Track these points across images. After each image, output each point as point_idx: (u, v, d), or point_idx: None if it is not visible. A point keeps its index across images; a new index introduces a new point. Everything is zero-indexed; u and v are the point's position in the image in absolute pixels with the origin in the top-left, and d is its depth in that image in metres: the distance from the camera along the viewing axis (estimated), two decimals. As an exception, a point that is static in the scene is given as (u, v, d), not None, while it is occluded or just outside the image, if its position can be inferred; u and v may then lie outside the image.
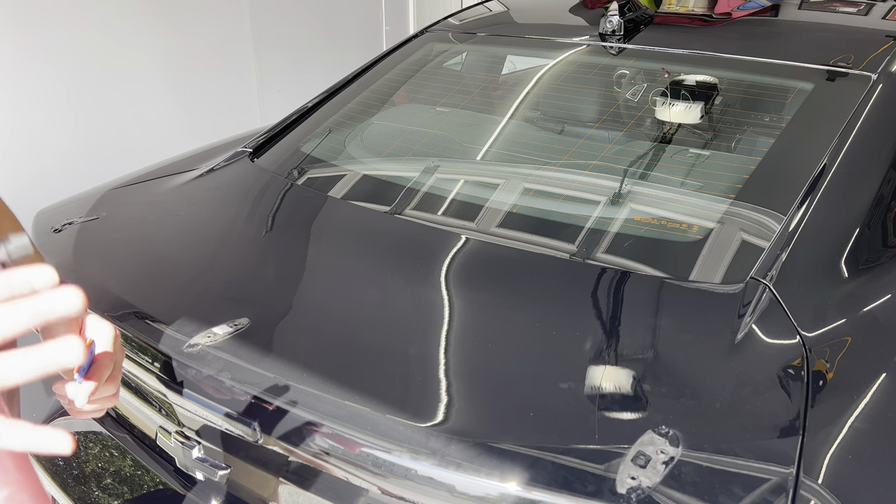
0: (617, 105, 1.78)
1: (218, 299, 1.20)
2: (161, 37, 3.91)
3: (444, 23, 2.16)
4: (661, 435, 0.89)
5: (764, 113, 1.60)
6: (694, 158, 1.55)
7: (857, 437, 0.93)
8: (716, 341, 1.05)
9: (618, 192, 1.45)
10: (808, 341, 1.05)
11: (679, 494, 0.83)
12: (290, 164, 1.73)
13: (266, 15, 4.40)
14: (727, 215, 1.32)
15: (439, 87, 2.00)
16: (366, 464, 0.94)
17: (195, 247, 1.43)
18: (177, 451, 1.17)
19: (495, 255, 1.29)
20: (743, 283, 1.14)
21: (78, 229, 1.51)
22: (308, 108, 1.97)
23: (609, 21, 1.81)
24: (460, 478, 0.88)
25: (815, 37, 1.81)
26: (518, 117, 1.81)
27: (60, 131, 3.62)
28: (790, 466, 0.86)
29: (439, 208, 1.48)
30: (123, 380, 1.26)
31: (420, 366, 1.03)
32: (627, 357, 1.02)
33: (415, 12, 5.48)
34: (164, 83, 3.98)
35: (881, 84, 1.47)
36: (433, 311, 1.16)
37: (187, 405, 1.09)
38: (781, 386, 0.97)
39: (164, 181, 1.73)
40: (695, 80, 1.67)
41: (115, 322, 1.20)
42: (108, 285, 1.28)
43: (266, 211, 1.54)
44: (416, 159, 1.72)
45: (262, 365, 1.04)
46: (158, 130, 4.00)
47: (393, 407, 0.95)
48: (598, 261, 1.26)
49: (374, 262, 1.28)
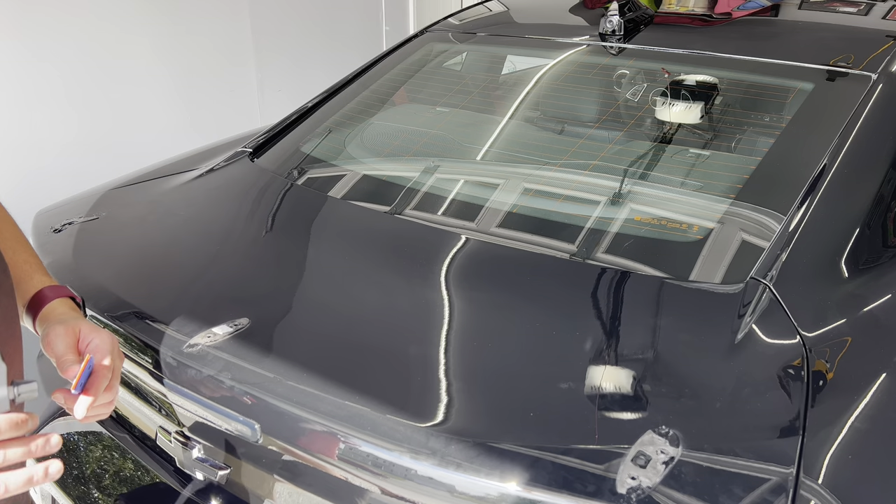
0: (617, 105, 1.78)
1: (218, 299, 1.20)
2: (161, 37, 3.91)
3: (444, 23, 2.16)
4: (661, 435, 0.89)
5: (764, 113, 1.60)
6: (694, 158, 1.55)
7: (857, 437, 0.93)
8: (716, 341, 1.05)
9: (618, 192, 1.45)
10: (808, 341, 1.05)
11: (679, 494, 0.83)
12: (290, 164, 1.73)
13: (266, 15, 4.40)
14: (727, 215, 1.32)
15: (439, 87, 2.00)
16: (366, 464, 0.94)
17: (195, 247, 1.43)
18: (177, 451, 1.17)
19: (495, 255, 1.29)
20: (743, 283, 1.14)
21: (78, 229, 1.51)
22: (308, 108, 1.97)
23: (609, 21, 1.81)
24: (460, 478, 0.88)
25: (815, 37, 1.81)
26: (518, 117, 1.81)
27: (60, 131, 3.62)
28: (790, 466, 0.86)
29: (439, 208, 1.48)
30: (123, 379, 1.26)
31: (420, 366, 1.03)
32: (627, 357, 1.02)
33: (415, 12, 5.47)
34: (165, 83, 3.98)
35: (881, 84, 1.47)
36: (433, 311, 1.16)
37: (187, 405, 1.09)
38: (781, 386, 0.97)
39: (163, 181, 1.73)
40: (695, 80, 1.67)
41: (115, 322, 1.20)
42: (108, 285, 1.28)
43: (266, 211, 1.54)
44: (416, 159, 1.72)
45: (262, 365, 1.04)
46: (158, 130, 4.00)
47: (393, 407, 0.95)
48: (598, 261, 1.26)
49: (374, 262, 1.28)
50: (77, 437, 1.40)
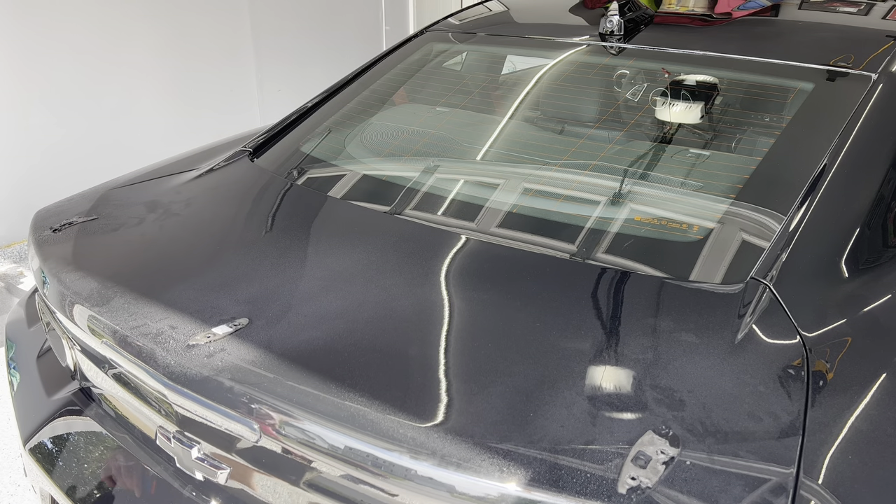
0: (617, 105, 1.78)
1: (217, 299, 1.20)
2: (161, 36, 3.91)
3: (444, 23, 2.16)
4: (661, 435, 0.89)
5: (764, 113, 1.60)
6: (694, 158, 1.55)
7: (857, 437, 0.93)
8: (716, 341, 1.05)
9: (618, 192, 1.45)
10: (808, 341, 1.05)
11: (679, 494, 0.83)
12: (290, 164, 1.73)
13: (266, 14, 4.40)
14: (727, 215, 1.32)
15: (439, 87, 2.00)
16: (366, 464, 0.94)
17: (195, 247, 1.43)
18: (177, 451, 1.17)
19: (495, 255, 1.29)
20: (743, 284, 1.14)
21: (77, 229, 1.50)
22: (308, 108, 1.97)
23: (609, 21, 1.81)
24: (460, 478, 0.88)
25: (815, 37, 1.81)
26: (518, 117, 1.81)
27: (60, 131, 3.62)
28: (790, 466, 0.86)
29: (439, 208, 1.48)
30: (123, 379, 1.26)
31: (420, 366, 1.03)
32: (628, 357, 1.02)
33: (415, 12, 5.48)
34: (165, 83, 3.98)
35: (881, 84, 1.47)
36: (433, 311, 1.16)
37: (187, 405, 1.09)
38: (781, 386, 0.97)
39: (163, 181, 1.73)
40: (695, 80, 1.67)
41: (115, 322, 1.19)
42: (107, 285, 1.28)
43: (266, 211, 1.54)
44: (415, 159, 1.72)
45: (261, 365, 1.04)
46: (158, 130, 4.00)
47: (393, 407, 0.95)
48: (599, 261, 1.26)
49: (374, 262, 1.28)
50: (77, 436, 1.40)
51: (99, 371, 1.33)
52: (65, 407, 1.45)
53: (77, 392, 1.46)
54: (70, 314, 1.29)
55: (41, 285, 1.41)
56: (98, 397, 1.42)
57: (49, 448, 1.42)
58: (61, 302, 1.31)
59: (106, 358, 1.26)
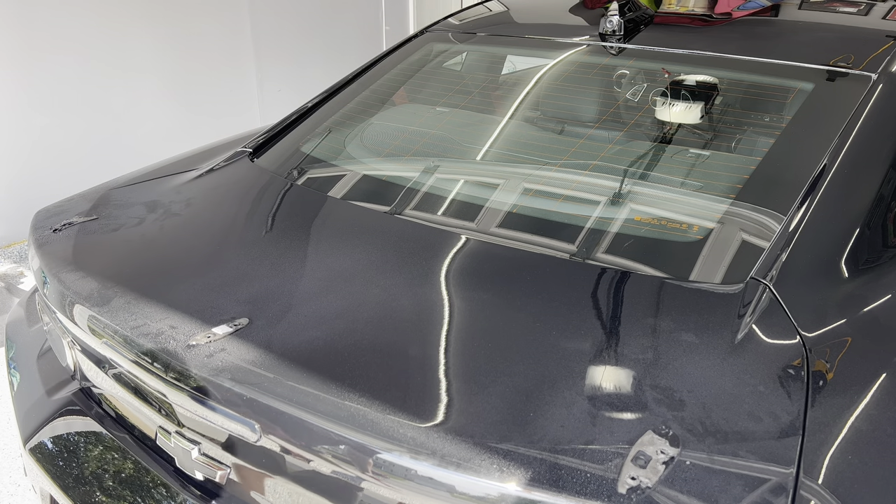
0: (617, 105, 1.78)
1: (218, 299, 1.20)
2: (161, 37, 3.91)
3: (444, 23, 2.16)
4: (661, 435, 0.89)
5: (764, 113, 1.60)
6: (694, 158, 1.55)
7: (857, 437, 0.93)
8: (716, 341, 1.05)
9: (618, 192, 1.45)
10: (808, 341, 1.05)
11: (679, 494, 0.83)
12: (290, 164, 1.73)
13: (266, 15, 4.40)
14: (727, 215, 1.32)
15: (439, 87, 2.00)
16: (366, 464, 0.94)
17: (195, 247, 1.43)
18: (177, 451, 1.17)
19: (495, 255, 1.30)
20: (743, 284, 1.14)
21: (77, 229, 1.51)
22: (308, 108, 1.97)
23: (609, 21, 1.81)
24: (460, 478, 0.88)
25: (815, 37, 1.81)
26: (518, 117, 1.81)
27: (60, 131, 3.62)
28: (790, 466, 0.86)
29: (439, 208, 1.48)
30: (123, 379, 1.26)
31: (420, 366, 1.03)
32: (628, 357, 1.02)
33: (415, 12, 5.48)
34: (165, 83, 3.98)
35: (881, 84, 1.47)
36: (433, 311, 1.16)
37: (187, 405, 1.09)
38: (781, 386, 0.97)
39: (163, 181, 1.73)
40: (695, 80, 1.67)
41: (115, 321, 1.20)
42: (107, 285, 1.28)
43: (266, 211, 1.55)
44: (416, 159, 1.72)
45: (262, 365, 1.04)
46: (158, 130, 4.00)
47: (393, 407, 0.95)
48: (598, 261, 1.26)
49: (374, 262, 1.28)
50: (77, 436, 1.40)
51: (99, 371, 1.33)
52: (65, 407, 1.45)
53: (77, 392, 1.47)
54: (70, 314, 1.29)
55: (41, 285, 1.41)
56: (98, 397, 1.42)
57: (49, 448, 1.42)
58: (61, 302, 1.31)
59: (106, 358, 1.26)
